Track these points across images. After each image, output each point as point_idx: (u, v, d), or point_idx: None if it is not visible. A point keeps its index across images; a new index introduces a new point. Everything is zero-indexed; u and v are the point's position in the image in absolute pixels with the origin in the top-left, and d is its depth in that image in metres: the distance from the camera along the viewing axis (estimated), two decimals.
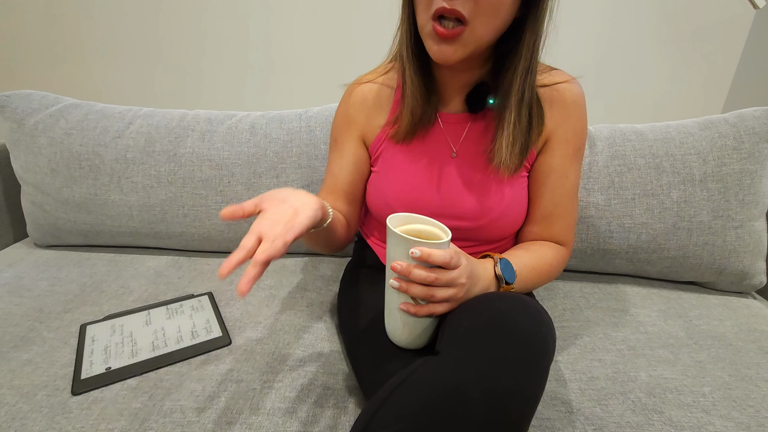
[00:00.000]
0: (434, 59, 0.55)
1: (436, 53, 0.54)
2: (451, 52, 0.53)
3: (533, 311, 0.46)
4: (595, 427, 0.56)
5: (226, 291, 0.84)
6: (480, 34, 0.52)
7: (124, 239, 1.00)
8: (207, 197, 0.95)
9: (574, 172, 0.67)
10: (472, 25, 0.51)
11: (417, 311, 0.50)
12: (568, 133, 0.65)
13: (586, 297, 0.87)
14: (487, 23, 0.52)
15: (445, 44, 0.53)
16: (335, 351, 0.69)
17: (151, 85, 1.43)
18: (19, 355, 0.66)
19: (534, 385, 0.41)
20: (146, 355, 0.66)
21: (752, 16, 1.29)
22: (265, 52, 1.38)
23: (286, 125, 0.96)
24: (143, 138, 0.96)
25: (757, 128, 0.84)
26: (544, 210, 0.67)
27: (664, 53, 1.35)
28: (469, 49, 0.53)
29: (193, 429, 0.54)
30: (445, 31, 0.51)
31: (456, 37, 0.52)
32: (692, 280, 0.92)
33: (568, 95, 0.64)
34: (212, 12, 1.34)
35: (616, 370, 0.66)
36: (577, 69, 0.67)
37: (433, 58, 0.55)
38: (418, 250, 0.46)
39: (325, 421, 0.56)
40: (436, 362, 0.43)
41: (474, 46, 0.54)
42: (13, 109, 0.96)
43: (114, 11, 1.34)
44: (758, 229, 0.86)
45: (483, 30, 0.52)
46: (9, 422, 0.54)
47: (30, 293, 0.82)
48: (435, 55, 0.54)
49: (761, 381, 0.64)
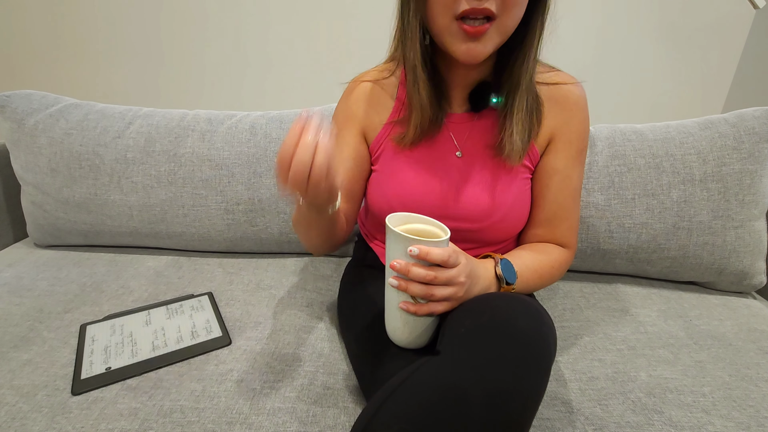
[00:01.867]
0: (461, 59, 0.54)
1: (464, 52, 0.53)
2: (481, 49, 0.53)
3: (534, 311, 0.46)
4: (595, 427, 0.56)
5: (226, 291, 0.84)
6: (506, 27, 0.53)
7: (124, 239, 1.00)
8: (207, 197, 0.95)
9: (577, 173, 0.67)
10: (501, 19, 0.51)
11: (416, 310, 0.50)
12: (572, 135, 0.65)
13: (586, 297, 0.87)
14: (513, 15, 0.52)
15: (474, 42, 0.52)
16: (335, 351, 0.69)
17: (151, 85, 1.44)
18: (19, 355, 0.66)
19: (535, 386, 0.41)
20: (146, 355, 0.66)
21: (752, 16, 1.29)
22: (266, 52, 1.38)
23: (286, 125, 0.96)
24: (143, 138, 0.96)
25: (757, 128, 0.84)
26: (548, 212, 0.67)
27: (664, 53, 1.35)
28: (496, 42, 0.54)
29: (193, 429, 0.54)
30: (475, 29, 0.51)
31: (485, 33, 0.52)
32: (692, 280, 0.92)
33: (572, 97, 0.64)
34: (212, 12, 1.34)
35: (616, 370, 0.66)
36: (578, 68, 0.67)
37: (460, 58, 0.54)
38: (417, 248, 0.46)
39: (325, 421, 0.56)
40: (436, 362, 0.43)
41: (500, 40, 0.54)
42: (13, 109, 0.96)
43: (114, 11, 1.34)
44: (758, 229, 0.86)
45: (509, 22, 0.53)
46: (9, 422, 0.54)
47: (30, 293, 0.82)
48: (463, 54, 0.54)
49: (761, 381, 0.64)
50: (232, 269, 0.93)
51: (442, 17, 0.52)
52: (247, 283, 0.88)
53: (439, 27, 0.54)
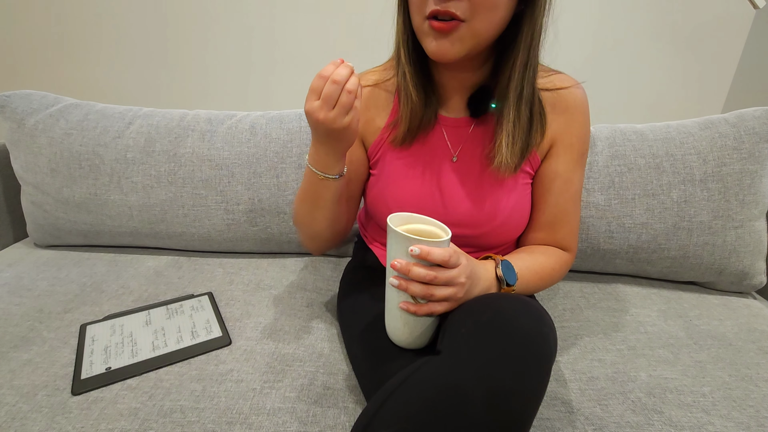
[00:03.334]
0: (432, 56, 0.55)
1: (434, 49, 0.54)
2: (449, 46, 0.53)
3: (534, 312, 0.46)
4: (595, 427, 0.56)
5: (226, 291, 0.84)
6: (479, 30, 0.52)
7: (124, 239, 1.00)
8: (207, 197, 0.95)
9: (578, 177, 0.67)
10: (471, 22, 0.51)
11: (417, 310, 0.50)
12: (573, 138, 0.65)
13: (586, 297, 0.87)
14: (486, 19, 0.52)
15: (443, 38, 0.52)
16: (335, 351, 0.69)
17: (152, 85, 1.44)
18: (19, 355, 0.66)
19: (535, 386, 0.41)
20: (146, 355, 0.66)
21: (752, 16, 1.29)
22: (268, 52, 1.38)
23: (286, 125, 0.96)
24: (143, 138, 0.96)
25: (757, 128, 0.84)
26: (549, 216, 0.67)
27: (664, 53, 1.35)
28: (468, 45, 0.53)
29: (193, 429, 0.54)
30: (441, 24, 0.51)
31: (452, 30, 0.51)
32: (692, 280, 0.92)
33: (573, 100, 0.64)
34: (215, 12, 1.34)
35: (616, 370, 0.66)
36: (578, 68, 0.67)
37: (431, 56, 0.55)
38: (417, 248, 0.46)
39: (325, 421, 0.56)
40: (436, 362, 0.43)
41: (473, 42, 0.53)
42: (13, 109, 0.96)
43: (115, 11, 1.34)
44: (758, 229, 0.86)
45: (482, 26, 0.52)
46: (9, 422, 0.54)
47: (30, 293, 0.82)
48: (433, 51, 0.54)
49: (761, 381, 0.64)
50: (232, 269, 0.93)
51: (416, 17, 0.54)
52: (247, 283, 0.88)
53: (415, 27, 0.56)
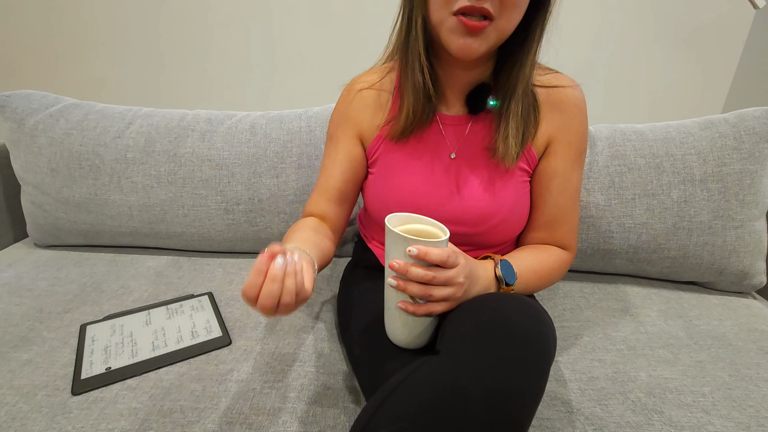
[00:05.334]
0: (456, 54, 0.54)
1: (460, 47, 0.53)
2: (476, 46, 0.53)
3: (533, 311, 0.46)
4: (595, 427, 0.56)
5: (226, 291, 0.84)
6: (503, 29, 0.53)
7: (124, 239, 1.00)
8: (207, 197, 0.95)
9: (576, 176, 0.67)
10: (497, 21, 0.52)
11: (415, 310, 0.50)
12: (571, 137, 0.65)
13: (586, 297, 0.87)
14: (511, 18, 0.52)
15: (471, 38, 0.53)
16: (335, 351, 0.69)
17: (152, 85, 1.44)
18: (19, 355, 0.66)
19: (534, 385, 0.41)
20: (146, 355, 0.66)
21: (752, 16, 1.29)
22: (268, 52, 1.38)
23: (286, 125, 0.96)
24: (143, 138, 0.96)
25: (757, 128, 0.84)
26: (548, 215, 0.67)
27: (664, 53, 1.35)
28: (491, 43, 0.54)
29: (193, 429, 0.54)
30: (475, 23, 0.51)
31: (483, 30, 0.52)
32: (692, 280, 0.92)
33: (571, 100, 0.64)
34: (214, 12, 1.34)
35: (616, 370, 0.66)
36: (578, 68, 0.67)
37: (454, 53, 0.54)
38: (416, 248, 0.46)
39: (325, 421, 0.56)
40: (436, 362, 0.43)
41: (496, 41, 0.54)
42: (13, 109, 0.96)
43: (114, 11, 1.34)
44: (758, 229, 0.86)
45: (506, 25, 0.53)
46: (9, 422, 0.54)
47: (30, 293, 0.82)
48: (459, 49, 0.53)
49: (761, 381, 0.64)
50: (232, 269, 0.93)
51: (441, 11, 0.53)
52: None
53: (437, 21, 0.54)
